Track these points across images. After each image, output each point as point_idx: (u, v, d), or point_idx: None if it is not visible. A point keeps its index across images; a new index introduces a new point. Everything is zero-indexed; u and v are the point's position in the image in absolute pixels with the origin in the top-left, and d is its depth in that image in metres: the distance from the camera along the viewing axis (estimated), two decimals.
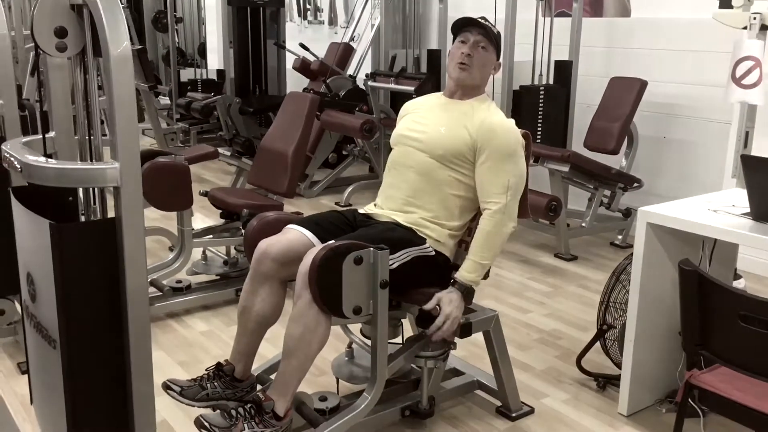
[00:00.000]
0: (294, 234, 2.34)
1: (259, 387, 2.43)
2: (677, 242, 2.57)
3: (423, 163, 2.40)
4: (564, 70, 4.92)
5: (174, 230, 3.80)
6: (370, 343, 2.32)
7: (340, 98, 5.85)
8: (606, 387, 2.82)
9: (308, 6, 7.95)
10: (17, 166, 1.71)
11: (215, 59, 8.88)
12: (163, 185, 3.33)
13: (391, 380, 2.47)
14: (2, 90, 2.72)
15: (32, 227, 1.77)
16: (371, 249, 2.16)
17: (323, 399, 2.42)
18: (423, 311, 2.32)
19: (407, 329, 2.64)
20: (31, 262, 1.84)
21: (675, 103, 4.66)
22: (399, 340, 2.52)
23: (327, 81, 5.92)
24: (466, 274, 2.33)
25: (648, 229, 2.51)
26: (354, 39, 6.87)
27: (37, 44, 1.75)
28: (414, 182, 2.41)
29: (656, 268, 2.55)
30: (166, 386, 2.31)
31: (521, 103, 4.78)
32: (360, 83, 5.93)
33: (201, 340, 3.22)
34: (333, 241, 2.18)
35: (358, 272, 2.15)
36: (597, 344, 2.83)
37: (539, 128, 4.82)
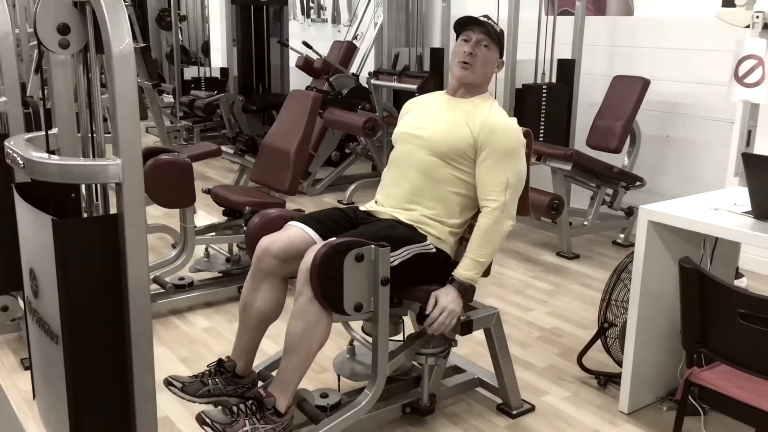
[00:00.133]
0: (295, 231, 2.34)
1: (261, 383, 2.43)
2: (678, 241, 2.57)
3: (424, 161, 2.40)
4: (567, 69, 4.92)
5: (177, 227, 3.81)
6: (371, 340, 2.33)
7: (343, 96, 5.86)
8: (607, 385, 2.83)
9: (311, 4, 7.96)
10: (20, 162, 1.72)
11: (219, 57, 8.91)
12: (166, 182, 3.34)
13: (392, 377, 2.48)
14: (6, 87, 2.73)
15: (35, 223, 1.78)
16: (372, 246, 2.17)
17: (324, 396, 2.42)
18: (424, 309, 2.32)
19: (408, 326, 2.64)
20: (34, 258, 1.85)
21: (678, 102, 4.66)
22: (400, 338, 2.53)
23: (330, 79, 5.92)
24: (464, 272, 2.33)
25: (649, 227, 2.51)
26: (357, 37, 6.87)
27: (40, 41, 1.76)
28: (415, 180, 2.41)
29: (657, 267, 2.55)
30: (168, 382, 2.32)
31: (524, 102, 4.78)
32: (363, 81, 5.94)
33: (203, 337, 3.23)
34: (334, 239, 2.19)
35: (359, 269, 2.16)
36: (598, 342, 2.83)
37: (542, 127, 4.82)
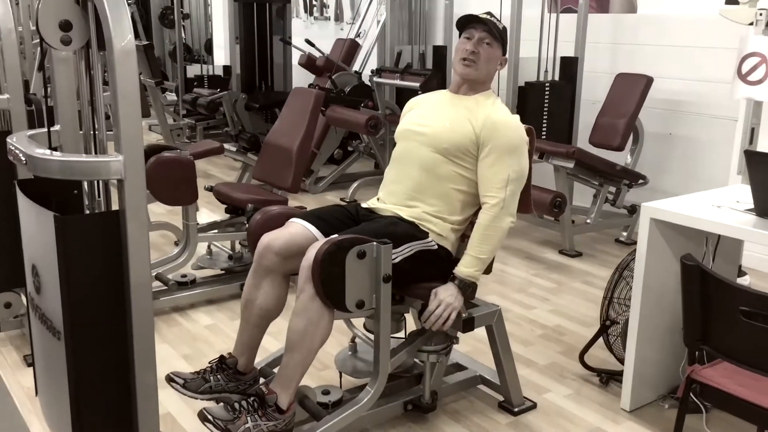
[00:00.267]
0: (297, 228, 2.35)
1: (262, 380, 2.44)
2: (681, 238, 2.56)
3: (426, 158, 2.40)
4: (570, 67, 4.91)
5: (179, 225, 3.81)
6: (373, 338, 2.33)
7: (346, 94, 5.85)
8: (609, 382, 2.82)
9: (314, 2, 7.96)
10: (22, 159, 1.72)
11: (221, 55, 8.91)
12: (169, 180, 3.34)
13: (394, 374, 2.48)
14: (9, 85, 2.74)
15: (37, 219, 1.79)
16: (374, 243, 2.17)
17: (326, 393, 2.42)
18: (425, 306, 2.32)
19: (410, 324, 2.64)
20: (36, 254, 1.86)
21: (681, 100, 4.65)
22: (402, 335, 2.53)
23: (332, 77, 5.92)
24: (464, 269, 2.33)
25: (651, 225, 2.51)
26: (360, 35, 6.87)
27: (42, 37, 1.76)
28: (417, 177, 2.41)
29: (659, 264, 2.55)
30: (170, 379, 2.32)
31: (526, 100, 4.78)
32: (366, 79, 5.93)
33: (205, 334, 3.23)
34: (336, 235, 2.19)
35: (361, 266, 2.16)
36: (600, 340, 2.83)
37: (544, 124, 4.82)
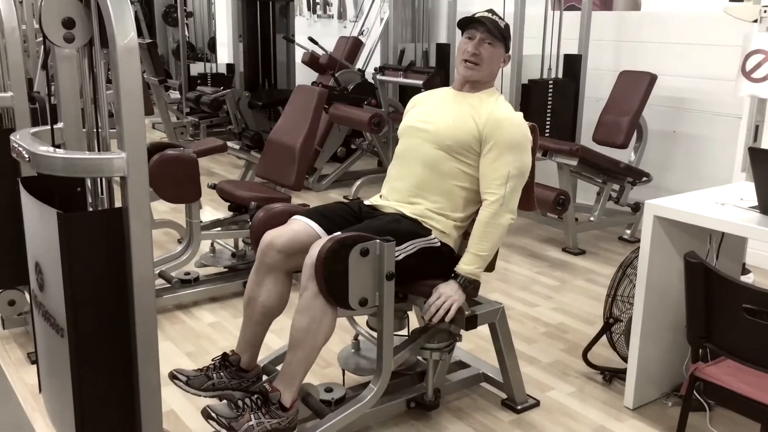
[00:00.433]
0: (299, 225, 2.35)
1: (265, 377, 2.44)
2: (684, 236, 2.56)
3: (429, 155, 2.40)
4: (573, 64, 4.91)
5: (182, 222, 3.82)
6: (376, 335, 2.33)
7: (349, 92, 5.85)
8: (612, 380, 2.82)
9: (317, 0, 7.96)
10: (26, 156, 1.72)
11: (225, 53, 8.91)
12: (172, 177, 3.34)
13: (397, 372, 2.48)
14: (13, 83, 2.75)
15: (40, 217, 1.79)
16: (377, 241, 2.17)
17: (329, 390, 2.42)
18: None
19: (413, 321, 2.64)
20: (40, 252, 1.86)
21: (685, 97, 4.64)
22: (405, 332, 2.53)
23: (336, 75, 5.91)
24: (465, 266, 2.33)
25: (655, 223, 2.50)
26: (363, 33, 6.86)
27: (45, 35, 1.76)
28: (420, 174, 2.41)
29: (663, 262, 2.54)
30: (173, 376, 2.32)
31: (530, 97, 4.77)
32: (369, 77, 5.93)
33: (208, 332, 3.24)
34: (339, 233, 2.19)
35: (365, 264, 2.16)
36: (603, 338, 2.83)
37: (548, 122, 4.81)
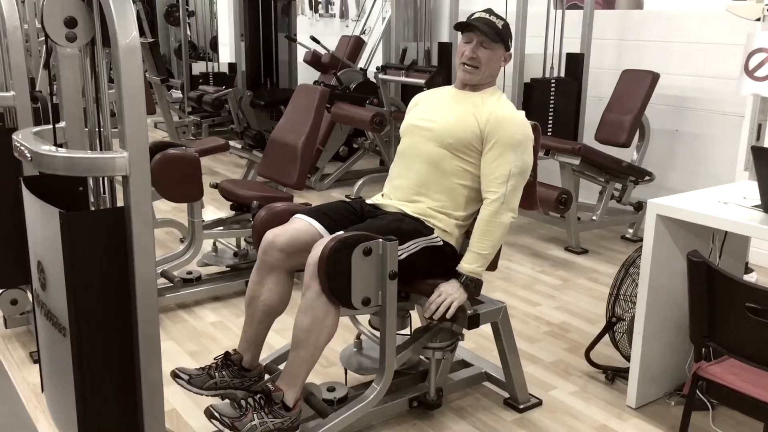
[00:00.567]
0: (300, 224, 2.35)
1: (267, 376, 2.44)
2: (687, 235, 2.55)
3: (431, 153, 2.40)
4: (575, 63, 4.90)
5: (185, 222, 3.82)
6: (379, 335, 2.33)
7: (351, 91, 5.85)
8: (614, 379, 2.82)
9: None
10: (28, 156, 1.72)
11: (227, 52, 8.92)
12: (174, 177, 3.34)
13: (399, 371, 2.48)
14: (15, 82, 2.74)
15: (43, 216, 1.79)
16: (380, 240, 2.17)
17: (331, 389, 2.42)
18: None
19: (415, 320, 2.64)
20: (42, 251, 1.86)
21: (687, 96, 4.63)
22: (407, 332, 2.53)
23: (338, 74, 5.91)
24: (466, 265, 2.33)
25: (658, 222, 2.50)
26: (365, 32, 6.86)
27: (48, 34, 1.76)
28: (422, 172, 2.41)
29: (666, 261, 2.54)
30: (175, 374, 2.32)
31: (532, 96, 4.77)
32: (371, 76, 5.93)
33: (210, 331, 3.24)
34: (342, 232, 2.19)
35: (367, 263, 2.16)
36: (606, 337, 2.83)
37: (550, 121, 4.80)
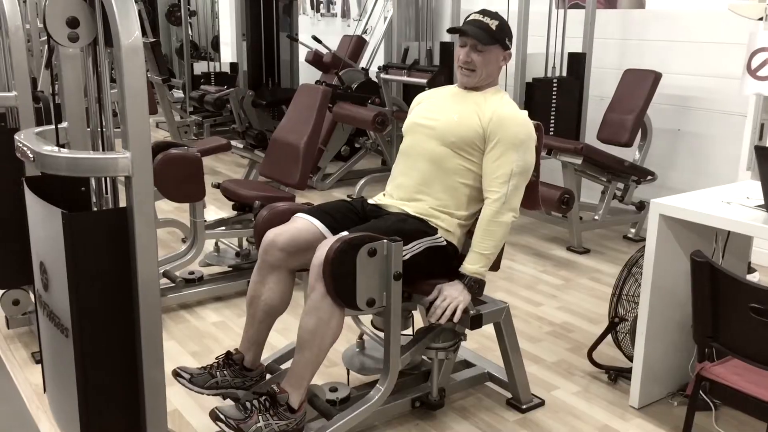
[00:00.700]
0: (301, 223, 2.34)
1: (269, 376, 2.44)
2: (690, 234, 2.55)
3: (434, 151, 2.40)
4: (577, 62, 4.90)
5: (187, 222, 3.82)
6: (383, 336, 2.32)
7: (353, 91, 5.85)
8: (617, 380, 2.81)
9: None
10: (30, 156, 1.72)
11: (228, 52, 8.93)
12: (176, 177, 3.34)
13: (402, 372, 2.47)
14: (17, 82, 2.74)
15: (45, 216, 1.79)
16: (385, 241, 2.16)
17: (333, 390, 2.42)
18: (432, 303, 2.32)
19: (418, 320, 2.63)
20: (44, 252, 1.86)
21: (689, 96, 4.62)
22: (409, 332, 2.53)
23: (339, 73, 5.91)
24: (469, 266, 2.33)
25: (660, 221, 2.49)
26: (366, 32, 6.86)
27: (50, 34, 1.76)
28: (424, 170, 2.41)
29: (668, 261, 2.53)
30: (176, 373, 2.32)
31: (534, 96, 4.76)
32: (372, 76, 5.92)
33: (213, 331, 3.24)
34: (346, 233, 2.18)
35: (372, 264, 2.15)
36: (608, 337, 2.82)
37: (552, 121, 4.80)
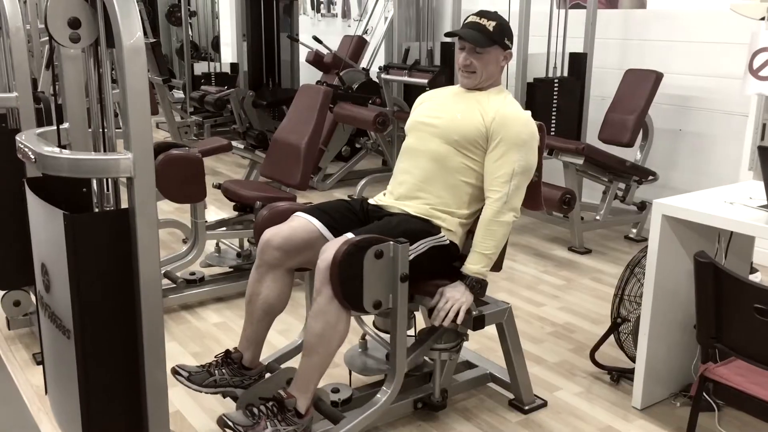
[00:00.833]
0: (298, 222, 2.34)
1: (268, 375, 2.43)
2: (692, 235, 2.54)
3: (437, 150, 2.39)
4: (578, 63, 4.89)
5: (188, 222, 3.81)
6: (389, 338, 2.31)
7: (354, 91, 5.84)
8: (620, 380, 2.81)
9: None
10: (31, 157, 1.72)
11: (229, 52, 8.93)
12: (177, 177, 3.33)
13: (404, 373, 2.47)
14: (18, 83, 2.74)
15: (46, 218, 1.78)
16: (391, 243, 2.15)
17: (335, 391, 2.42)
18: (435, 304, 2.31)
19: (419, 321, 2.63)
20: (46, 253, 1.85)
21: (691, 96, 4.62)
22: (411, 332, 2.52)
23: (340, 74, 5.91)
24: (470, 266, 2.33)
25: (663, 222, 2.49)
26: (367, 32, 6.86)
27: (51, 35, 1.76)
28: (427, 168, 2.40)
29: (671, 261, 2.53)
30: (175, 371, 2.32)
31: (535, 96, 4.76)
32: (373, 76, 5.92)
33: (214, 332, 3.23)
34: (351, 235, 2.17)
35: (379, 266, 2.14)
36: (611, 338, 2.82)
37: (553, 121, 4.80)
